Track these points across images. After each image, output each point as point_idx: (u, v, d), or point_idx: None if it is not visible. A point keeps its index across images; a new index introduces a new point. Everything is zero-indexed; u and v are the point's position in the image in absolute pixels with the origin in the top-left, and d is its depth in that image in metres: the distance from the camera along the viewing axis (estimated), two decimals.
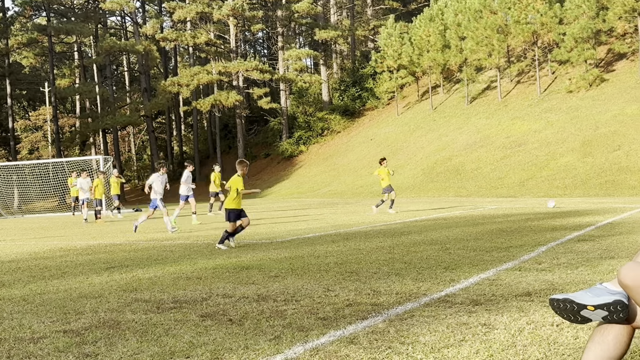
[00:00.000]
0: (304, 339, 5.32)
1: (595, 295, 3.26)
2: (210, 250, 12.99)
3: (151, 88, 74.36)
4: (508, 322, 5.65)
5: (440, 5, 57.91)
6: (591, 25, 45.70)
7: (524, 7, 49.24)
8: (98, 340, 5.56)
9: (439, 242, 12.57)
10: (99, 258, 12.33)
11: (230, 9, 63.90)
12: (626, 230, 13.69)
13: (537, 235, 13.20)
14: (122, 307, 7.04)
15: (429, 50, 56.44)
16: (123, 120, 71.92)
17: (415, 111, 59.13)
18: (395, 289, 7.53)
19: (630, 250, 10.25)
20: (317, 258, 10.80)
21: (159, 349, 5.18)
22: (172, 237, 16.69)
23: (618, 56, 48.82)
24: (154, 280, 9.06)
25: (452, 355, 4.72)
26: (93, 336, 5.70)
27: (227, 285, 8.34)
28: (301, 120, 66.60)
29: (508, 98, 51.91)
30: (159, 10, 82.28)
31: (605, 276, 7.89)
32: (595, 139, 38.69)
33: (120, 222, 27.06)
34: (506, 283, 7.66)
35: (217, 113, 69.28)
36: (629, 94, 42.89)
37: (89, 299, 7.71)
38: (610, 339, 3.29)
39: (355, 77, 68.64)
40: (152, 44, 70.71)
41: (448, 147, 47.01)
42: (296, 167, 60.67)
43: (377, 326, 5.69)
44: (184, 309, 6.82)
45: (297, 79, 67.59)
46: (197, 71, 66.35)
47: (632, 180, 32.22)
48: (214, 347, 5.19)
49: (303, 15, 69.15)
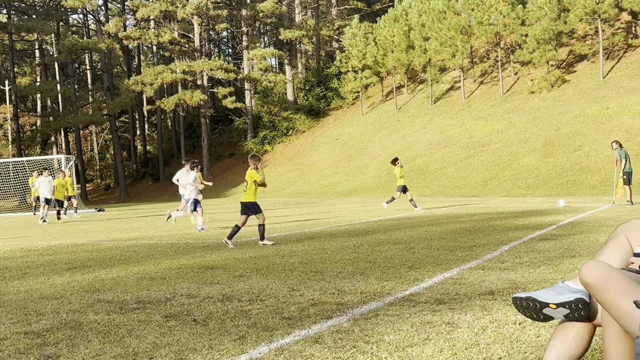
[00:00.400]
0: (269, 339, 5.30)
1: (557, 293, 3.29)
2: (174, 250, 12.91)
3: (114, 87, 73.62)
4: (471, 320, 5.69)
5: (404, 6, 58.20)
6: (553, 27, 46.26)
7: (487, 8, 49.70)
8: (60, 341, 5.49)
9: (403, 242, 12.63)
10: (61, 258, 12.18)
11: (194, 8, 63.55)
12: (587, 229, 13.87)
13: (500, 235, 13.32)
14: (84, 308, 6.96)
15: (393, 50, 56.67)
16: (85, 119, 71.17)
17: (380, 111, 59.35)
18: (359, 288, 7.55)
19: (591, 248, 10.39)
20: (282, 258, 10.79)
21: (122, 350, 5.13)
22: (136, 238, 16.54)
23: (579, 57, 49.47)
24: (117, 280, 8.97)
25: (416, 354, 4.74)
26: (54, 337, 5.63)
27: (191, 285, 8.29)
28: (266, 119, 66.48)
29: (471, 98, 52.33)
30: (122, 9, 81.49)
31: (567, 275, 7.99)
32: (557, 139, 39.15)
33: (82, 222, 26.73)
34: (470, 282, 7.72)
35: (181, 112, 68.88)
36: (589, 94, 43.49)
37: (50, 299, 7.61)
38: (572, 336, 3.33)
39: (320, 77, 68.69)
40: (115, 42, 70.04)
41: (412, 147, 47.25)
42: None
43: (342, 325, 5.69)
44: (147, 309, 6.76)
45: (262, 79, 67.44)
46: (161, 70, 65.89)
47: (592, 180, 32.67)
48: (178, 347, 5.15)
49: (268, 15, 69.02)
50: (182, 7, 64.91)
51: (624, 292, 2.91)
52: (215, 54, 78.60)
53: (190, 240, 14.97)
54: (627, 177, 22.54)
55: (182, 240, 15.23)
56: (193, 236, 16.30)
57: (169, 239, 15.56)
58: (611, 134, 35.75)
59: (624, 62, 46.32)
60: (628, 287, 2.93)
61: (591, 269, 3.01)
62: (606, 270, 2.98)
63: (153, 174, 74.75)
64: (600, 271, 2.99)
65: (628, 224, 3.54)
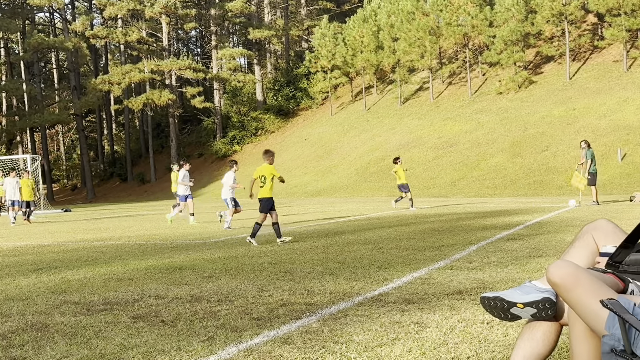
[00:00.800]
0: (238, 340, 5.28)
1: (525, 293, 3.31)
2: (142, 251, 12.81)
3: (81, 86, 72.91)
4: (440, 320, 5.72)
5: (373, 7, 58.36)
6: (520, 28, 46.69)
7: (456, 9, 50.02)
8: (25, 343, 5.42)
9: (373, 242, 12.65)
10: (27, 259, 12.03)
11: (162, 7, 63.17)
12: (554, 229, 14.01)
13: (468, 235, 13.41)
14: (50, 310, 6.88)
15: (363, 51, 56.80)
16: (52, 119, 70.36)
17: (349, 111, 59.45)
18: (329, 289, 7.55)
19: (558, 248, 10.49)
20: (251, 258, 10.76)
21: (89, 352, 5.08)
22: (103, 238, 16.39)
23: (546, 59, 49.99)
24: (83, 281, 8.88)
25: (385, 353, 4.75)
26: (20, 339, 5.55)
27: (159, 286, 8.23)
28: (235, 119, 66.26)
29: (440, 99, 52.62)
30: (89, 7, 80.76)
31: (534, 274, 8.06)
32: (524, 139, 39.52)
33: (49, 223, 26.43)
34: (438, 282, 7.76)
35: (149, 112, 68.43)
36: (556, 95, 43.96)
37: (16, 301, 7.51)
38: (539, 335, 3.35)
39: (289, 77, 68.63)
40: (82, 41, 69.33)
41: (381, 148, 47.39)
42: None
43: (311, 326, 5.69)
44: (115, 310, 6.70)
45: (231, 79, 67.21)
46: (129, 69, 65.39)
47: (559, 180, 33.02)
48: (145, 349, 5.11)
49: (237, 15, 68.84)
50: (150, 5, 64.48)
51: (590, 291, 2.94)
52: (184, 54, 78.28)
53: (158, 241, 14.87)
54: (592, 177, 22.80)
55: (150, 240, 15.13)
56: (161, 237, 16.20)
57: (137, 240, 15.45)
58: (578, 135, 36.19)
59: (590, 64, 46.91)
60: (594, 287, 2.96)
61: (558, 269, 3.03)
62: (573, 270, 3.01)
63: (120, 174, 74.15)
64: (566, 271, 3.01)
65: (594, 224, 3.58)
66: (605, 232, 3.52)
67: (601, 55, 47.15)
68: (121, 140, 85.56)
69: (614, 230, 3.52)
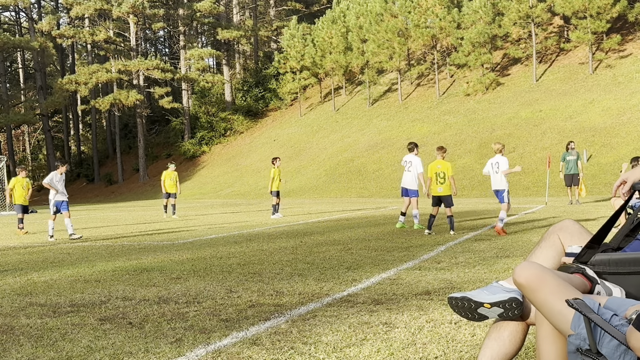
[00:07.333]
0: (206, 341, 5.26)
1: (492, 293, 3.34)
2: (110, 252, 12.70)
3: (47, 86, 72.09)
4: (408, 320, 5.75)
5: (342, 8, 58.44)
6: (487, 30, 47.06)
7: (424, 11, 50.27)
8: None
9: (342, 243, 12.68)
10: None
11: (130, 7, 62.66)
12: (520, 230, 14.15)
13: (437, 235, 13.49)
14: (16, 312, 6.79)
15: (332, 52, 56.86)
16: (17, 119, 69.44)
17: (318, 112, 59.49)
18: (298, 290, 7.55)
19: (525, 249, 10.60)
20: (220, 259, 10.72)
21: (56, 354, 5.02)
22: (69, 240, 16.20)
23: (513, 61, 50.44)
24: (49, 283, 8.78)
25: (354, 354, 4.77)
26: None
27: (127, 287, 8.17)
28: (203, 120, 65.96)
29: (408, 100, 52.85)
30: (56, 6, 79.85)
31: (501, 274, 8.13)
32: (492, 141, 39.67)
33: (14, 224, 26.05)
34: (406, 282, 7.80)
35: (116, 112, 67.84)
36: (523, 97, 44.38)
37: None
38: (506, 335, 3.39)
39: (258, 78, 68.48)
40: (49, 40, 68.58)
41: (350, 149, 47.49)
42: (198, 168, 60.08)
43: (280, 327, 5.69)
44: (81, 312, 6.64)
45: (199, 79, 66.87)
46: (96, 69, 64.75)
47: (525, 181, 33.33)
48: (113, 351, 5.07)
49: (205, 15, 68.50)
50: (118, 5, 63.92)
51: (555, 292, 2.97)
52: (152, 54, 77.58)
53: (125, 242, 14.75)
54: (567, 179, 23.99)
55: (117, 242, 15.00)
56: (129, 238, 16.08)
57: (104, 241, 15.31)
58: (544, 136, 36.56)
59: (556, 66, 47.41)
60: (560, 287, 2.99)
61: (523, 270, 3.06)
62: (538, 271, 3.04)
63: (87, 175, 73.45)
64: (531, 272, 3.04)
65: (560, 225, 3.62)
66: (571, 232, 3.56)
67: (567, 58, 47.68)
68: (88, 140, 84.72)
69: (579, 231, 3.57)
